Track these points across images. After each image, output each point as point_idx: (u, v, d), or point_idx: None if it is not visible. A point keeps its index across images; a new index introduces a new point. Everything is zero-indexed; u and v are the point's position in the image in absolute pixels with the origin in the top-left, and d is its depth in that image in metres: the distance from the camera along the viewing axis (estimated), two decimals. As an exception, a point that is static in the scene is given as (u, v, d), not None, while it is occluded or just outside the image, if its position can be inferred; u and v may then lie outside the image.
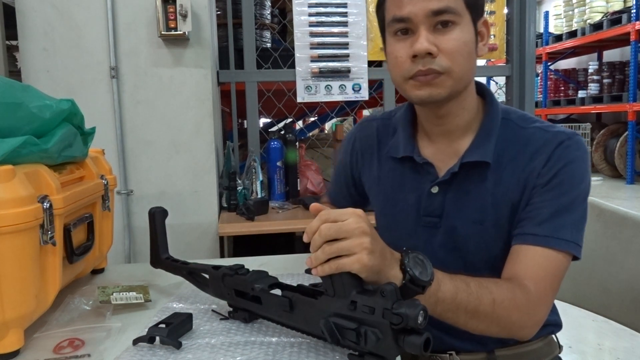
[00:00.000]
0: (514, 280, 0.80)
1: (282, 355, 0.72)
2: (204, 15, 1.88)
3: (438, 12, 0.80)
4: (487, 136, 0.89)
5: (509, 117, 0.91)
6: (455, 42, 0.82)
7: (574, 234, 0.82)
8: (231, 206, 1.99)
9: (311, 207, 0.69)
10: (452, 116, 0.90)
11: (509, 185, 0.86)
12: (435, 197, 0.91)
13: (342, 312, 0.66)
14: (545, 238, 0.81)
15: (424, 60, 0.82)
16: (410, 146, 0.95)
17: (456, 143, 0.91)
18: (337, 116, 3.51)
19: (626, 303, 1.12)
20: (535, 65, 2.36)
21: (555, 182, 0.83)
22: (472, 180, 0.89)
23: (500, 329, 0.79)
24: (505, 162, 0.87)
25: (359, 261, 0.64)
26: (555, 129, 0.87)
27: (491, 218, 0.88)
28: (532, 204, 0.84)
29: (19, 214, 0.71)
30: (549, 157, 0.84)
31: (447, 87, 0.84)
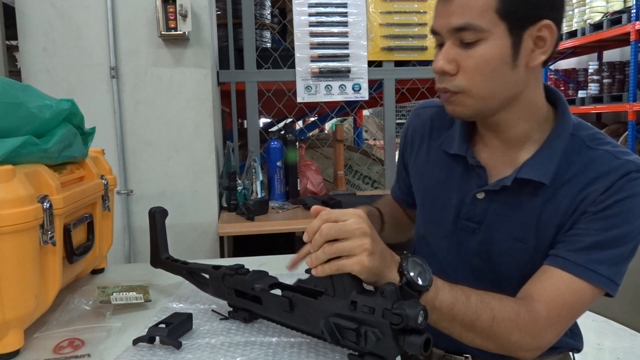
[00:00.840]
0: (525, 299, 0.76)
1: (282, 355, 0.72)
2: (204, 15, 1.88)
3: (457, 29, 0.75)
4: (550, 154, 0.81)
5: (578, 133, 0.83)
6: (474, 61, 0.76)
7: (612, 270, 0.76)
8: (231, 206, 1.99)
9: (312, 209, 0.69)
10: (506, 127, 0.83)
11: (561, 207, 0.80)
12: (480, 204, 0.86)
13: (342, 312, 0.66)
14: (576, 266, 0.76)
15: (441, 78, 0.79)
16: (465, 145, 0.89)
17: (514, 152, 0.84)
18: (337, 116, 3.51)
19: (626, 303, 1.12)
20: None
21: (609, 213, 0.76)
22: (522, 196, 0.82)
23: (497, 347, 0.76)
24: (562, 182, 0.80)
25: (359, 262, 0.64)
26: (625, 157, 0.79)
27: (533, 237, 0.82)
28: (577, 228, 0.78)
29: (19, 214, 0.71)
30: (610, 186, 0.77)
31: (469, 106, 0.79)
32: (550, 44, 0.78)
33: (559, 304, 0.75)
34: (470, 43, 0.75)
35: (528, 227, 0.82)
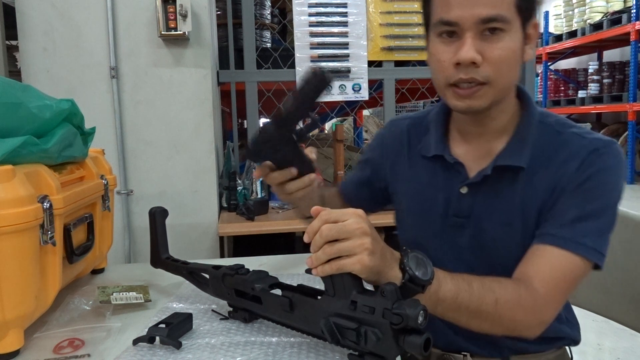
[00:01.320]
0: (522, 279, 0.79)
1: (282, 355, 0.72)
2: (204, 15, 1.88)
3: (488, 19, 0.76)
4: (523, 140, 0.86)
5: (546, 120, 0.88)
6: (501, 52, 0.78)
7: (597, 241, 0.79)
8: (231, 206, 1.99)
9: (313, 209, 0.69)
10: (490, 119, 0.87)
11: (539, 189, 0.84)
12: (465, 198, 0.89)
13: (343, 312, 0.66)
14: (564, 240, 0.79)
15: (467, 69, 0.79)
16: (442, 145, 0.92)
17: (490, 144, 0.89)
18: (337, 116, 3.51)
19: (626, 303, 1.12)
20: (535, 65, 2.36)
21: (585, 187, 0.81)
22: (503, 183, 0.86)
23: (504, 329, 0.78)
24: (538, 166, 0.85)
25: (359, 262, 0.64)
26: (592, 136, 0.84)
27: (519, 221, 0.85)
28: (558, 205, 0.82)
29: (19, 214, 0.71)
30: (582, 162, 0.82)
31: (488, 98, 0.81)
32: (536, 41, 0.84)
33: (554, 278, 0.78)
34: (494, 34, 0.77)
35: (513, 212, 0.85)
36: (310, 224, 0.67)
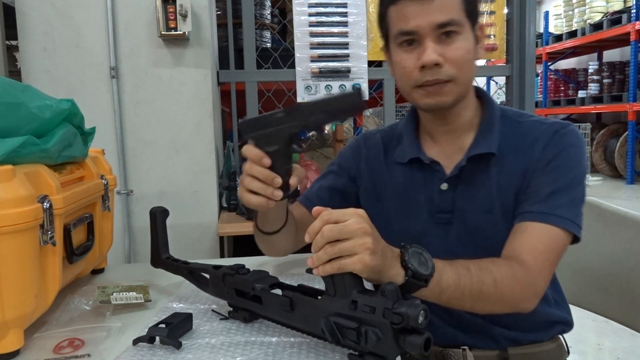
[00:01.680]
0: (512, 256, 0.83)
1: (282, 355, 0.72)
2: (204, 15, 1.88)
3: (443, 24, 0.85)
4: (489, 129, 0.94)
5: (506, 113, 0.97)
6: (460, 51, 0.86)
7: (571, 212, 0.86)
8: (231, 206, 1.99)
9: (314, 210, 0.69)
10: (456, 116, 0.94)
11: (512, 174, 0.91)
12: (446, 194, 0.94)
13: (343, 311, 0.66)
14: (542, 214, 0.85)
15: (432, 70, 0.86)
16: (416, 148, 0.98)
17: (460, 140, 0.96)
18: (337, 116, 3.50)
19: (626, 303, 1.12)
20: (535, 65, 2.36)
21: (553, 166, 0.88)
22: (478, 173, 0.93)
23: (506, 306, 0.81)
24: (506, 153, 0.92)
25: (361, 261, 0.64)
26: (550, 121, 0.94)
27: (498, 206, 0.91)
28: (531, 186, 0.89)
29: (19, 214, 0.71)
30: (546, 143, 0.90)
31: (454, 94, 0.89)
32: (483, 42, 0.94)
33: (540, 251, 0.83)
34: (450, 37, 0.86)
35: (492, 198, 0.92)
36: (311, 224, 0.67)
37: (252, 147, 0.81)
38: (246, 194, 0.81)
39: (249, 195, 0.81)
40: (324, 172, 1.14)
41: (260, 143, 0.81)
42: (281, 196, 0.80)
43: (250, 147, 0.81)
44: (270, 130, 0.80)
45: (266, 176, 0.79)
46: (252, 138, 0.82)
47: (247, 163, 0.81)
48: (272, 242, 0.98)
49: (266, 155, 0.79)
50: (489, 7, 2.27)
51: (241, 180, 0.83)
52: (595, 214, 1.19)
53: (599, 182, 6.42)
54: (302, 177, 0.83)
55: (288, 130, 0.80)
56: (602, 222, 1.18)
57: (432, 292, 0.72)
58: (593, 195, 0.97)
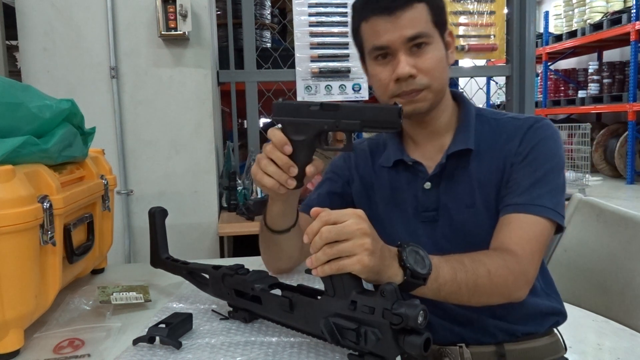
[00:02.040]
0: (501, 247, 0.86)
1: (282, 355, 0.72)
2: (204, 15, 1.88)
3: (412, 37, 0.90)
4: (466, 128, 0.98)
5: (483, 113, 1.02)
6: (431, 61, 0.91)
7: (552, 201, 0.89)
8: (231, 206, 1.99)
9: (312, 211, 0.69)
10: (434, 119, 0.99)
11: (491, 168, 0.95)
12: (430, 192, 0.98)
13: (342, 312, 0.66)
14: (525, 206, 0.88)
15: (407, 82, 0.91)
16: (399, 151, 1.02)
17: (439, 141, 1.00)
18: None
19: (626, 303, 1.12)
20: (535, 65, 2.36)
21: (530, 158, 0.92)
22: (458, 169, 0.97)
23: (501, 296, 0.84)
24: (484, 149, 0.96)
25: (359, 262, 0.65)
26: (524, 117, 0.98)
27: (481, 199, 0.95)
28: (512, 179, 0.93)
29: (19, 214, 0.71)
30: (522, 138, 0.94)
31: (429, 100, 0.94)
32: (453, 47, 0.99)
33: (527, 240, 0.86)
34: (421, 48, 0.91)
35: (473, 193, 0.96)
36: (310, 225, 0.68)
37: (278, 131, 0.81)
38: (260, 173, 0.83)
39: (263, 176, 0.82)
40: (319, 182, 1.16)
41: (288, 130, 0.81)
42: (294, 185, 0.81)
43: (277, 130, 0.82)
44: (301, 120, 0.81)
45: (284, 163, 0.81)
46: (282, 122, 0.82)
47: (269, 145, 0.81)
48: (280, 244, 0.98)
49: (289, 143, 0.80)
50: (489, 7, 2.27)
51: (258, 160, 0.83)
52: (595, 214, 1.19)
53: (599, 182, 6.42)
54: (320, 169, 0.83)
55: (319, 125, 0.80)
56: (602, 222, 1.18)
57: (430, 289, 0.73)
58: (593, 195, 0.98)
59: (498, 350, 0.96)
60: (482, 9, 2.27)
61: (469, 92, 2.51)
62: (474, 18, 2.27)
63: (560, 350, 1.01)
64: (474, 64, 2.34)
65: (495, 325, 0.96)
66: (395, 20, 0.89)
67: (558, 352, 1.01)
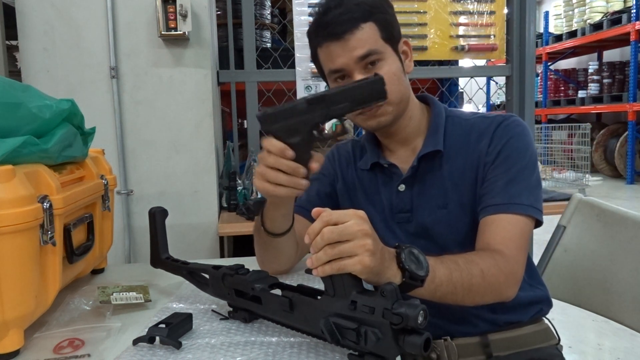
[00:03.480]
0: (488, 248, 0.88)
1: (282, 355, 0.72)
2: (204, 15, 1.88)
3: (363, 57, 0.93)
4: (435, 130, 1.01)
5: (453, 114, 1.04)
6: (385, 76, 0.89)
7: (530, 198, 0.91)
8: (231, 206, 1.99)
9: (313, 211, 0.69)
10: (402, 127, 1.02)
11: (463, 168, 0.97)
12: (404, 194, 1.01)
13: (342, 312, 0.66)
14: (503, 205, 0.90)
15: None
16: (376, 154, 1.06)
17: (412, 145, 1.04)
18: (337, 116, 3.50)
19: (626, 303, 1.12)
20: (535, 65, 2.36)
21: (502, 157, 0.94)
22: (431, 171, 1.00)
23: (494, 295, 0.85)
24: (455, 149, 0.99)
25: (360, 262, 0.65)
26: (493, 115, 1.01)
27: (454, 200, 0.97)
28: (487, 180, 0.95)
29: (19, 214, 0.71)
30: (492, 137, 0.96)
31: (391, 113, 0.97)
32: (411, 55, 1.05)
33: (511, 239, 0.88)
34: (375, 65, 0.94)
35: (446, 193, 0.98)
36: (311, 226, 0.68)
37: (274, 139, 0.81)
38: (271, 186, 0.82)
39: (276, 187, 0.82)
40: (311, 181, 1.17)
41: (283, 135, 0.80)
42: (308, 184, 0.82)
43: (272, 139, 0.81)
44: (292, 121, 0.80)
45: (292, 168, 0.81)
46: (274, 132, 0.81)
47: (271, 157, 0.81)
48: (279, 246, 1.00)
49: (289, 147, 0.80)
50: (489, 7, 2.27)
51: (262, 174, 0.82)
52: (595, 214, 1.19)
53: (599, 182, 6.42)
54: (321, 161, 0.86)
55: (311, 120, 0.80)
56: (602, 222, 1.18)
57: (427, 290, 0.74)
58: (593, 195, 0.97)
59: (482, 340, 0.98)
60: (482, 9, 2.27)
61: (469, 92, 2.51)
62: (474, 18, 2.27)
63: (550, 339, 1.02)
64: (474, 64, 2.34)
65: (477, 315, 0.98)
66: (344, 44, 0.93)
67: (547, 341, 1.02)
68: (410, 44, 1.06)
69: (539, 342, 1.01)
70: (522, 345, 0.99)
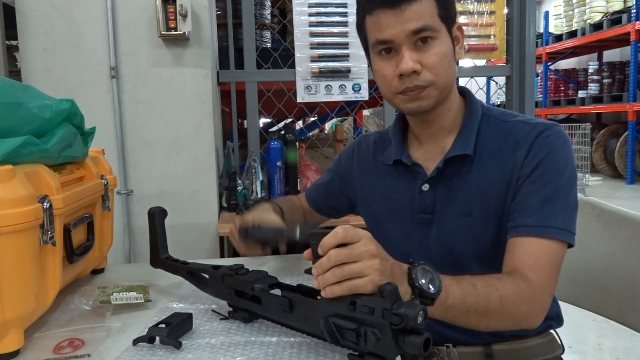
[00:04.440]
0: (515, 273, 0.82)
1: (282, 355, 0.72)
2: (204, 15, 1.88)
3: (417, 31, 0.86)
4: (467, 132, 0.94)
5: (490, 113, 0.96)
6: (436, 57, 0.87)
7: (565, 221, 0.84)
8: (231, 206, 1.99)
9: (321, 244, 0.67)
10: (439, 118, 0.96)
11: (494, 176, 0.90)
12: (427, 194, 0.95)
13: (342, 312, 0.66)
14: (537, 228, 0.84)
15: (410, 78, 0.88)
16: (400, 150, 1.00)
17: (442, 142, 0.97)
18: (337, 116, 3.51)
19: (626, 303, 1.12)
20: (535, 65, 2.36)
21: (539, 172, 0.86)
22: (457, 175, 0.93)
23: (510, 323, 0.80)
24: (488, 154, 0.92)
25: (371, 282, 0.64)
26: (535, 121, 0.92)
27: (478, 209, 0.91)
28: (520, 195, 0.87)
29: (19, 214, 0.71)
30: (530, 147, 0.88)
31: (434, 98, 0.90)
32: (462, 41, 0.95)
33: (541, 266, 0.82)
34: (426, 43, 0.87)
35: (471, 201, 0.91)
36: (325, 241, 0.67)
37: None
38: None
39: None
40: (325, 171, 1.20)
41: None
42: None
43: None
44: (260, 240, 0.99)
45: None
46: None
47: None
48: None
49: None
50: (489, 7, 2.27)
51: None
52: (595, 214, 1.19)
53: (599, 182, 6.42)
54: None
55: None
56: (602, 222, 1.18)
57: (438, 309, 0.72)
58: (593, 195, 0.97)
59: (485, 350, 0.95)
60: (482, 9, 2.27)
61: (469, 92, 2.51)
62: (474, 18, 2.27)
63: (556, 350, 1.00)
64: (474, 64, 2.34)
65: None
66: (399, 14, 0.86)
67: (553, 352, 0.99)
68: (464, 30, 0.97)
69: (544, 353, 0.98)
70: (527, 356, 0.96)
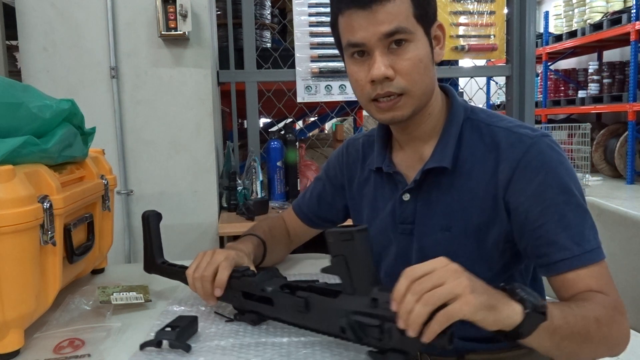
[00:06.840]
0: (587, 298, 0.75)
1: (297, 355, 0.72)
2: (204, 15, 1.88)
3: (390, 34, 0.79)
4: (446, 141, 0.87)
5: (475, 116, 0.89)
6: (410, 62, 0.81)
7: (594, 237, 0.79)
8: (231, 206, 1.99)
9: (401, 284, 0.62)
10: (418, 124, 0.90)
11: (476, 192, 0.84)
12: (407, 205, 0.91)
13: (363, 309, 0.65)
14: (576, 259, 0.77)
15: (382, 84, 0.82)
16: (382, 157, 0.95)
17: (421, 149, 0.91)
18: (337, 116, 3.51)
19: (626, 303, 1.11)
20: (535, 65, 2.36)
21: (548, 196, 0.79)
22: (437, 187, 0.88)
23: (605, 348, 0.73)
24: (470, 167, 0.86)
25: (467, 303, 0.58)
26: (521, 131, 0.84)
27: (459, 225, 0.86)
28: (530, 224, 0.80)
29: (19, 214, 0.70)
30: (516, 167, 0.81)
31: (409, 107, 0.84)
32: (443, 40, 0.88)
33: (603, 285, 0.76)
34: (401, 46, 0.80)
35: (452, 215, 0.86)
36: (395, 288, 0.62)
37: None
38: None
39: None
40: (314, 179, 1.15)
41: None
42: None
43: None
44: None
45: None
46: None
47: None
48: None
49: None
50: (489, 7, 2.27)
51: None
52: (595, 214, 1.19)
53: (599, 182, 6.41)
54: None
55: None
56: (602, 222, 1.18)
57: (546, 331, 0.64)
58: (593, 195, 0.96)
59: None
60: (482, 9, 2.27)
61: (469, 92, 2.51)
62: (474, 18, 2.27)
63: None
64: (474, 64, 2.34)
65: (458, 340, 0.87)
66: (371, 15, 0.79)
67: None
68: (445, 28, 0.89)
69: None
70: None
